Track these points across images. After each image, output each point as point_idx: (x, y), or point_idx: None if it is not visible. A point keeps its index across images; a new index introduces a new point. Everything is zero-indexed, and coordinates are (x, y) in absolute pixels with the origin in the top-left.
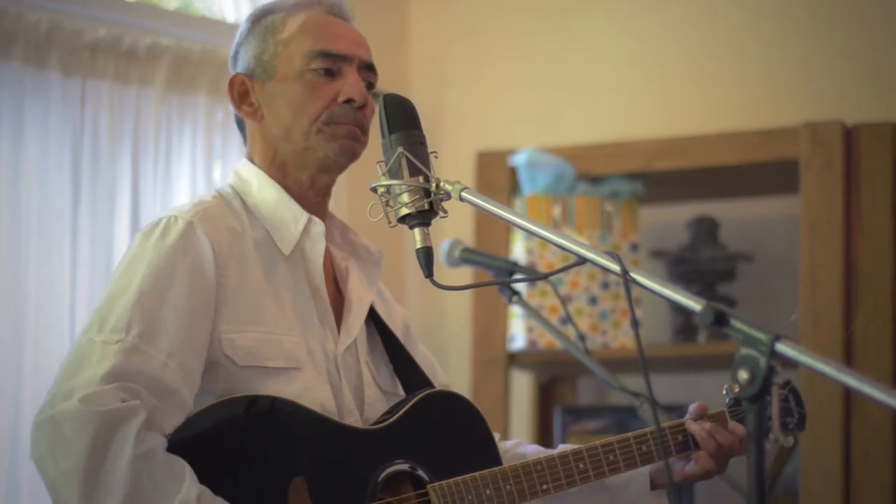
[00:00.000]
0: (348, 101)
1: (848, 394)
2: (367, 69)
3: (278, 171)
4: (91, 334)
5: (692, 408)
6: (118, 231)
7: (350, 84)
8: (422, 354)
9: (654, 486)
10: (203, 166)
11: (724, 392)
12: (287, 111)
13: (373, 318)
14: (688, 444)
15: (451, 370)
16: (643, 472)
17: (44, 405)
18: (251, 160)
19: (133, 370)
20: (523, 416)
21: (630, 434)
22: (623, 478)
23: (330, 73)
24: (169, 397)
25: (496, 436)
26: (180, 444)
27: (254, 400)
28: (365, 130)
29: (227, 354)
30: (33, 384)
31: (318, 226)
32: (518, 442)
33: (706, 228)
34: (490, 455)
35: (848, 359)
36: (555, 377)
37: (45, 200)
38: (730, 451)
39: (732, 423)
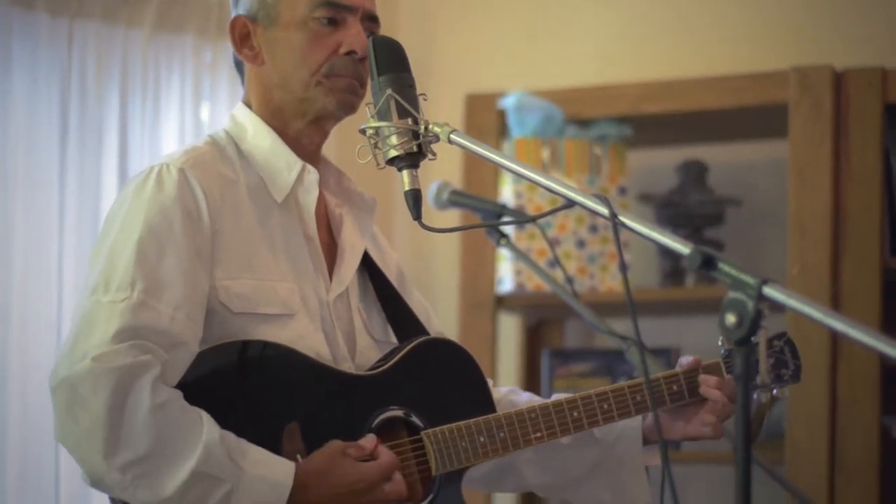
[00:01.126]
0: (350, 52)
1: (835, 338)
2: (371, 20)
3: (274, 117)
4: (97, 296)
5: (685, 361)
6: (106, 172)
7: (353, 35)
8: (416, 301)
9: (646, 442)
10: (191, 108)
11: (720, 343)
12: (288, 60)
13: (367, 265)
14: (682, 394)
15: (439, 313)
16: (636, 428)
17: (57, 369)
18: (247, 104)
19: (142, 326)
20: (511, 359)
21: (625, 383)
22: (615, 433)
23: (333, 23)
24: (178, 349)
25: (489, 382)
26: (176, 387)
27: (247, 345)
28: (364, 83)
29: (223, 301)
30: (20, 326)
31: (312, 174)
32: (512, 389)
33: (694, 172)
34: (484, 402)
35: (835, 303)
36: (542, 320)
37: (33, 142)
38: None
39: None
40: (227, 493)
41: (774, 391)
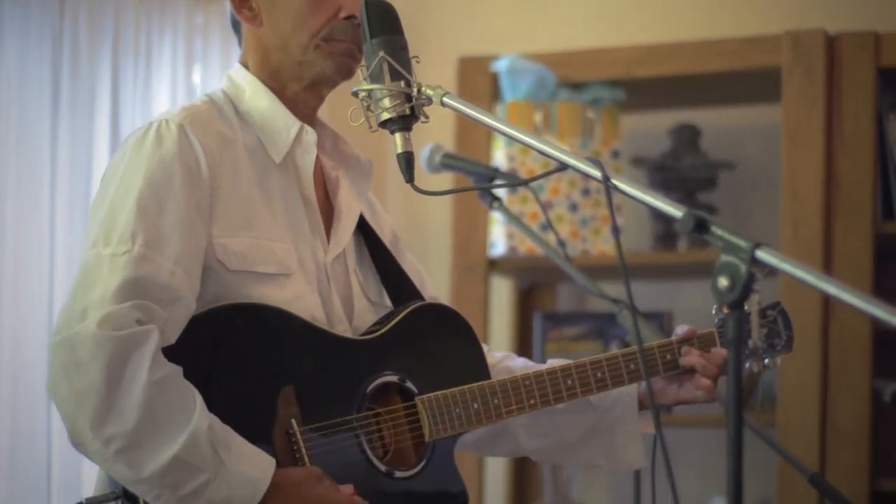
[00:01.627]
0: (349, 17)
1: (826, 303)
2: None
3: (272, 78)
4: (98, 248)
5: (680, 330)
6: (98, 135)
7: (352, 0)
8: (410, 264)
9: (641, 407)
10: (183, 70)
11: (714, 312)
12: (287, 22)
13: (362, 228)
14: (676, 364)
15: (431, 276)
16: (631, 393)
17: (59, 325)
18: (245, 65)
19: (144, 279)
20: (503, 322)
21: (619, 351)
22: (610, 398)
23: None
24: (177, 305)
25: (485, 347)
26: (170, 351)
27: (244, 307)
28: (362, 48)
29: (219, 259)
30: (11, 289)
31: (310, 134)
32: (507, 355)
33: (687, 136)
34: (479, 369)
35: (827, 268)
36: (534, 283)
37: (24, 105)
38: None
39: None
40: (204, 483)
41: (766, 361)
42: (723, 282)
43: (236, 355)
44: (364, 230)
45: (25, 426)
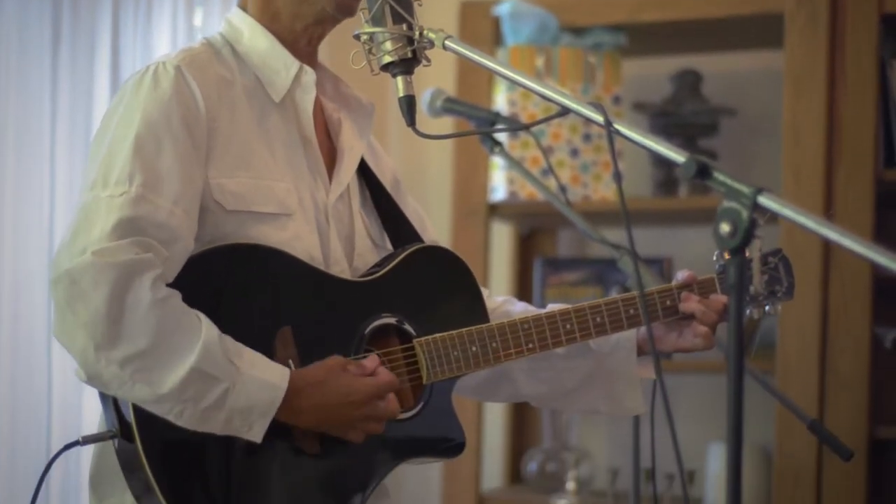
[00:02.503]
0: None
1: (827, 249)
2: None
3: (271, 19)
4: (96, 191)
5: (680, 276)
6: (98, 79)
7: None
8: (411, 208)
9: (640, 353)
10: (184, 13)
11: (715, 259)
12: None
13: (363, 171)
14: (675, 309)
15: (432, 220)
16: (631, 339)
17: (57, 263)
18: (243, 8)
19: (141, 218)
20: (503, 267)
21: (618, 296)
22: (610, 344)
23: None
24: (176, 244)
25: (485, 292)
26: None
27: (242, 248)
28: None
29: (216, 199)
30: (12, 232)
31: (309, 74)
32: (507, 299)
33: (689, 82)
34: (477, 312)
35: (828, 216)
36: (535, 229)
37: (24, 49)
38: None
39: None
40: (224, 392)
41: (767, 308)
42: (724, 227)
43: (233, 296)
44: (365, 173)
45: (25, 365)
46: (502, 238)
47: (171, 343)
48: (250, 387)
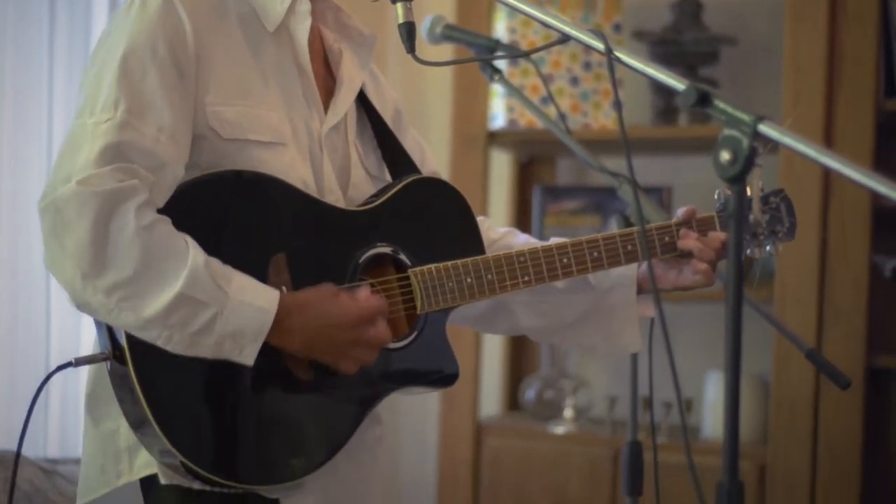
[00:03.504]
0: None
1: (827, 179)
2: None
3: None
4: (83, 118)
5: (680, 212)
6: (96, 5)
7: None
8: (412, 140)
9: (640, 291)
10: None
11: (716, 197)
12: None
13: (363, 102)
14: (674, 245)
15: (431, 148)
16: (630, 276)
17: (44, 192)
18: None
19: (126, 144)
20: (502, 195)
21: (616, 231)
22: (610, 280)
23: None
24: (162, 171)
25: (486, 222)
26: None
27: (238, 174)
28: None
29: (212, 126)
30: (10, 160)
31: (304, 3)
32: (510, 231)
33: (690, 10)
34: (473, 244)
35: (828, 143)
36: (534, 157)
37: None
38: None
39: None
40: (213, 317)
41: (768, 248)
42: (725, 156)
43: (228, 222)
44: (365, 104)
45: (24, 287)
46: (501, 166)
47: (156, 269)
48: (239, 311)
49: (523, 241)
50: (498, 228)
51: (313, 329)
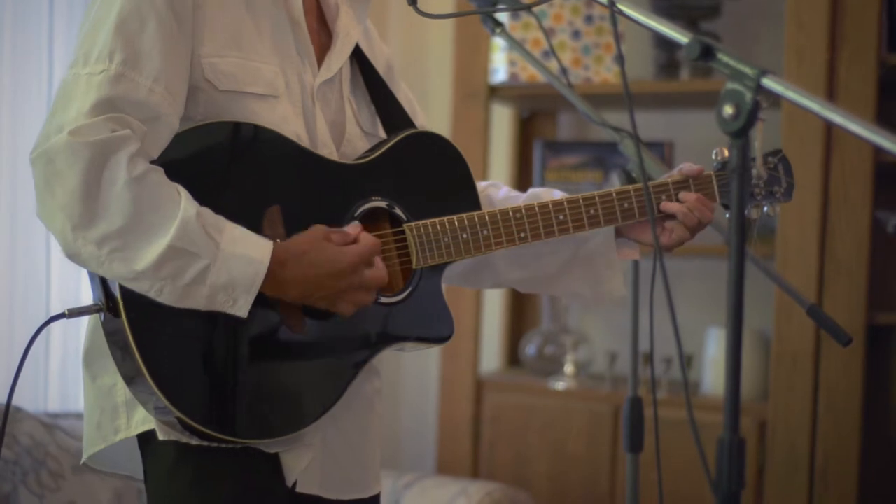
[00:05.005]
0: None
1: (829, 134)
2: None
3: None
4: (77, 69)
5: (676, 172)
6: None
7: None
8: (403, 94)
9: (618, 235)
10: None
11: (714, 157)
12: None
13: (357, 57)
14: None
15: (432, 103)
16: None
17: (37, 142)
18: None
19: (119, 97)
20: (503, 149)
21: (613, 189)
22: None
23: None
24: (157, 122)
25: None
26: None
27: (235, 125)
28: None
29: (208, 78)
30: (10, 102)
31: None
32: (492, 183)
33: None
34: (469, 199)
35: (831, 98)
36: (535, 111)
37: None
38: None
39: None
40: (204, 269)
41: (766, 208)
42: (728, 109)
43: (223, 173)
44: (359, 59)
45: (23, 236)
46: (503, 120)
47: (147, 220)
48: (232, 263)
49: (504, 194)
50: (480, 182)
51: (310, 279)
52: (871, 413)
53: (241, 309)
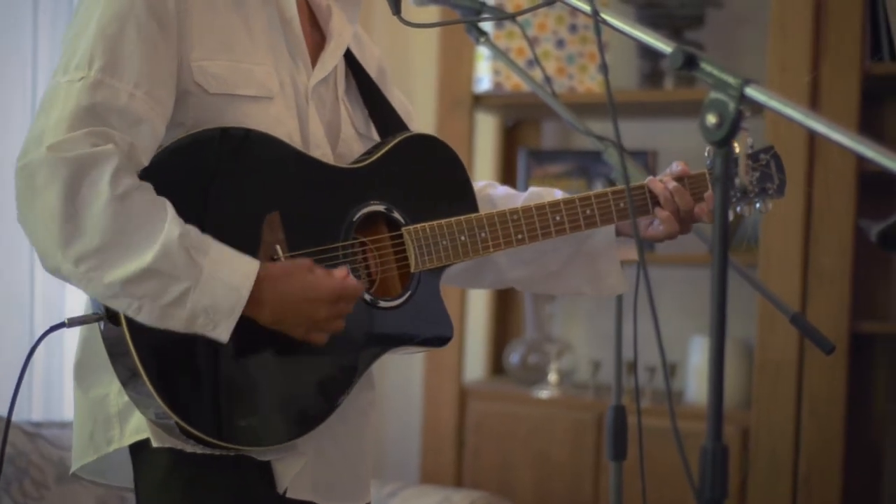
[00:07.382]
0: None
1: (812, 143)
2: None
3: None
4: (58, 77)
5: (675, 167)
6: None
7: None
8: (397, 99)
9: (618, 234)
10: None
11: (706, 154)
12: None
13: (350, 59)
14: (658, 203)
15: (417, 111)
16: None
17: (21, 151)
18: None
19: (99, 104)
20: (487, 158)
21: (608, 189)
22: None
23: None
24: (140, 128)
25: None
26: (153, 176)
27: (225, 131)
28: None
29: (198, 82)
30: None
31: None
32: (489, 183)
33: None
34: (466, 202)
35: (814, 108)
36: (520, 120)
37: None
38: (695, 217)
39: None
40: (184, 292)
41: (758, 205)
42: (711, 119)
43: (221, 180)
44: (351, 62)
45: (6, 249)
46: (487, 129)
47: (126, 241)
48: (213, 288)
49: (503, 192)
50: (477, 182)
51: (287, 303)
52: (855, 421)
53: (222, 333)
